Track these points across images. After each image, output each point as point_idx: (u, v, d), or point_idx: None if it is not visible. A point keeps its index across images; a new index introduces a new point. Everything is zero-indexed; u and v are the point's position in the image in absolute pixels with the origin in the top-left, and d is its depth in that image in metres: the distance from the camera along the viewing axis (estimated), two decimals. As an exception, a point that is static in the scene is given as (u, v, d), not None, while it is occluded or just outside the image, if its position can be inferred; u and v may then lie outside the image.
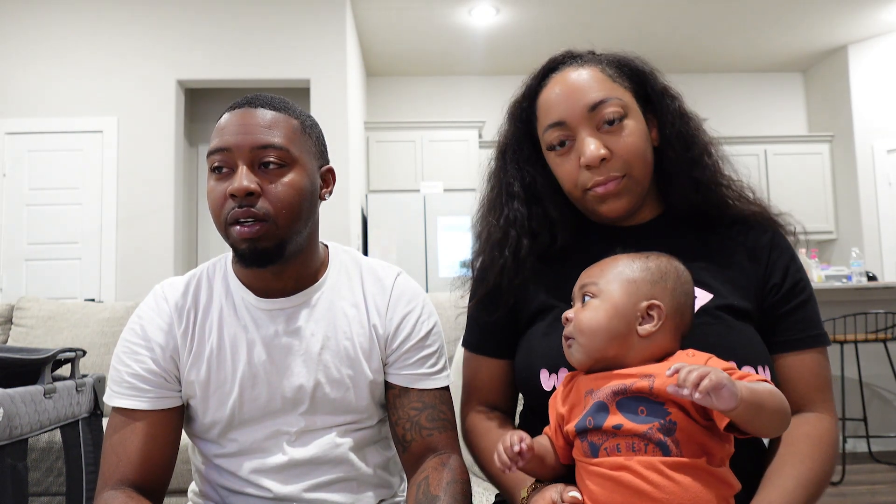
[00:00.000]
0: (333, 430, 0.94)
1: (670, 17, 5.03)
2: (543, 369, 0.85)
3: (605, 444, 0.70)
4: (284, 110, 0.91)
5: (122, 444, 0.88)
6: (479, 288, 0.97)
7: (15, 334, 2.38)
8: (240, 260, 0.89)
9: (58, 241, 4.17)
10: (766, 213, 0.93)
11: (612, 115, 0.85)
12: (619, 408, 0.70)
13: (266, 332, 0.93)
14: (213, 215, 0.89)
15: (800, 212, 4.84)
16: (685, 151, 0.90)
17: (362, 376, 0.95)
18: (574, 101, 0.86)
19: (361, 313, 0.97)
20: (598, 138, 0.86)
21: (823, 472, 0.78)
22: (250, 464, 0.92)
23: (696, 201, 0.91)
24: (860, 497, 2.77)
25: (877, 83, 5.44)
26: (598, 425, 0.70)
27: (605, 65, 0.90)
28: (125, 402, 0.90)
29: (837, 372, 3.44)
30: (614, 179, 0.86)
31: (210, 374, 0.92)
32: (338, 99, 4.31)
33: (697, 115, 0.94)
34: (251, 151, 0.86)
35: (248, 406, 0.92)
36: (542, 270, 0.93)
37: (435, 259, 4.72)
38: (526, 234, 0.93)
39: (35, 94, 4.22)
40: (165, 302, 0.95)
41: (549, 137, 0.89)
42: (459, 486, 0.86)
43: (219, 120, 0.91)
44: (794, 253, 0.91)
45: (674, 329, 0.75)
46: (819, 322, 0.87)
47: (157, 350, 0.91)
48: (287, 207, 0.87)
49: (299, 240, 0.91)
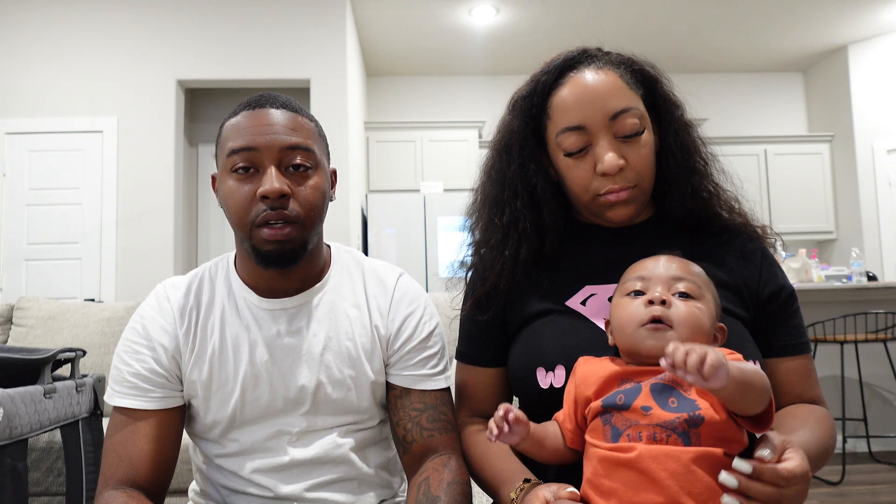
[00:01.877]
0: (335, 431, 0.94)
1: (670, 17, 5.03)
2: (540, 367, 0.85)
3: (627, 431, 0.69)
4: (300, 112, 0.92)
5: (123, 444, 0.88)
6: (475, 287, 0.97)
7: (15, 334, 2.38)
8: (261, 261, 0.88)
9: (58, 241, 4.17)
10: (750, 224, 0.95)
11: (633, 126, 0.86)
12: (652, 392, 0.70)
13: (268, 332, 0.93)
14: (237, 217, 0.87)
15: (800, 212, 4.83)
16: (685, 160, 0.91)
17: (364, 377, 0.95)
18: (596, 107, 0.86)
19: (363, 314, 0.97)
20: (616, 147, 0.86)
21: (829, 441, 0.81)
22: (252, 464, 0.92)
23: (691, 208, 0.92)
24: (860, 497, 2.77)
25: (877, 83, 5.44)
26: (628, 404, 0.70)
27: (622, 69, 0.89)
28: (127, 401, 0.90)
29: (837, 372, 3.44)
30: (627, 189, 0.87)
31: (212, 374, 0.92)
32: (338, 99, 4.32)
33: (694, 120, 0.95)
34: (280, 152, 0.86)
35: (249, 406, 0.92)
36: (534, 274, 0.92)
37: (435, 259, 4.72)
38: (526, 237, 0.93)
39: (35, 94, 4.22)
40: (168, 301, 0.95)
41: (565, 141, 0.88)
42: (460, 486, 0.87)
43: (230, 119, 0.90)
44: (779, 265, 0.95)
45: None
46: (806, 331, 0.92)
47: (160, 350, 0.91)
48: (314, 209, 0.89)
49: (315, 240, 0.93)
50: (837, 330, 3.33)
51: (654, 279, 0.77)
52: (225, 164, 0.88)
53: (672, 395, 0.69)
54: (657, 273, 0.78)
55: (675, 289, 0.76)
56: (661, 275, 0.77)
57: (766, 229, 0.96)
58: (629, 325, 0.75)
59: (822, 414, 0.85)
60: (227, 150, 0.88)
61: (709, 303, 0.77)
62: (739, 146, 5.63)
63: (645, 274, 0.78)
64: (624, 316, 0.76)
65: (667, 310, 0.73)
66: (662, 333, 0.72)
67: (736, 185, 0.96)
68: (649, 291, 0.76)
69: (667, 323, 0.73)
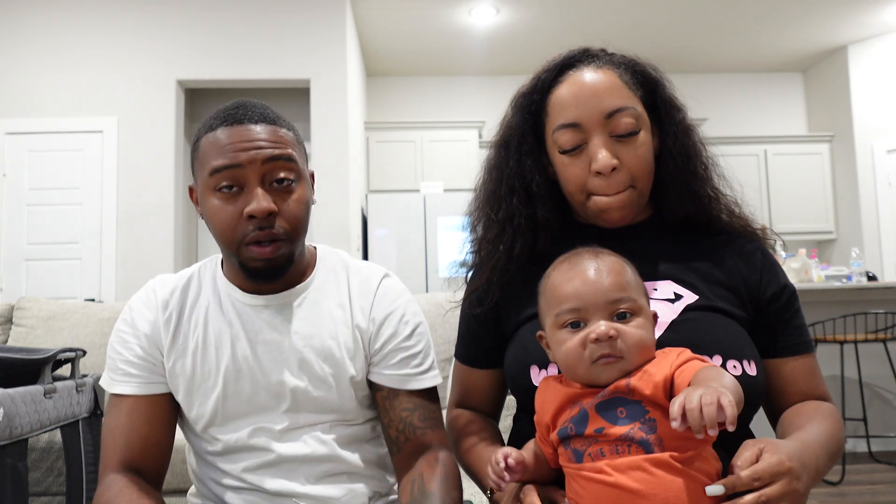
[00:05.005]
0: (319, 427, 0.95)
1: (670, 17, 5.03)
2: (534, 365, 0.86)
3: (588, 450, 0.70)
4: (278, 122, 0.91)
5: (118, 427, 0.92)
6: (473, 281, 0.99)
7: (15, 334, 2.38)
8: (249, 276, 0.90)
9: (58, 241, 4.17)
10: (750, 227, 0.95)
11: (628, 126, 0.86)
12: (598, 412, 0.70)
13: (251, 327, 0.95)
14: (224, 236, 0.88)
15: (800, 212, 4.84)
16: (685, 164, 0.91)
17: (345, 375, 0.95)
18: (592, 104, 0.86)
19: (346, 313, 0.98)
20: (610, 146, 0.86)
21: (840, 434, 0.81)
22: (241, 462, 0.94)
23: (690, 211, 0.92)
24: (860, 497, 2.77)
25: (877, 83, 5.44)
26: (581, 432, 0.70)
27: (622, 69, 0.89)
28: (119, 387, 0.93)
29: (837, 372, 3.44)
30: (621, 193, 0.86)
31: (195, 369, 0.94)
32: (338, 99, 4.31)
33: (695, 123, 0.95)
34: (263, 164, 0.86)
35: (231, 400, 0.93)
36: (530, 272, 0.92)
37: (435, 259, 4.72)
38: (520, 233, 0.93)
39: (35, 94, 4.22)
40: (154, 295, 0.98)
41: (560, 138, 0.88)
42: (452, 480, 0.90)
43: (208, 134, 0.89)
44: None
45: None
46: (808, 330, 0.92)
47: (143, 338, 0.94)
48: (300, 223, 0.91)
49: (300, 248, 0.95)
50: (837, 330, 3.33)
51: (589, 308, 0.72)
52: (207, 183, 0.88)
53: (619, 405, 0.69)
54: (591, 299, 0.72)
55: (614, 312, 0.72)
56: (597, 300, 0.72)
57: (767, 230, 0.96)
58: (579, 364, 0.72)
59: (829, 409, 0.85)
60: (208, 169, 0.87)
61: (645, 308, 0.75)
62: (739, 146, 5.63)
63: (578, 304, 0.73)
64: (570, 356, 0.73)
65: (614, 343, 0.70)
66: (615, 364, 0.71)
67: (735, 190, 0.96)
68: (589, 324, 0.72)
69: (617, 356, 0.70)
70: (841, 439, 0.81)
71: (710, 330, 0.82)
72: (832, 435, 0.79)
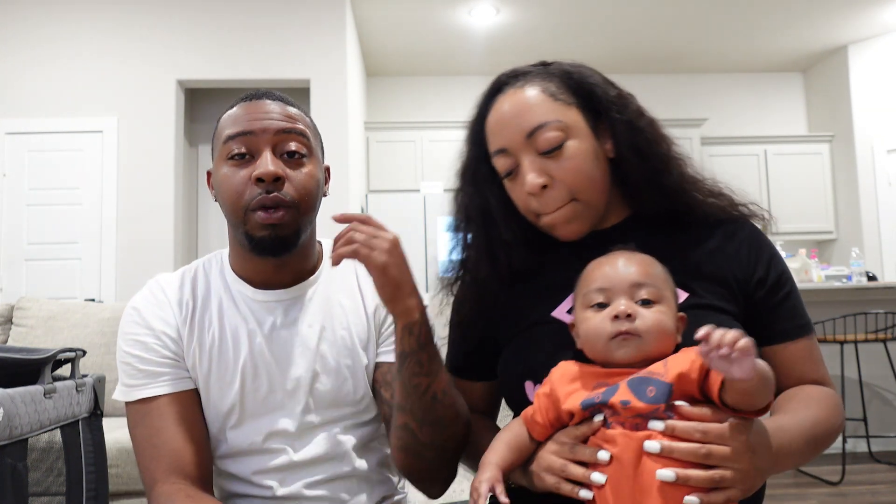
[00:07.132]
0: (334, 427, 0.94)
1: (670, 17, 5.03)
2: (528, 381, 0.85)
3: (609, 420, 0.71)
4: (296, 106, 0.95)
5: (156, 434, 0.87)
6: (457, 309, 0.99)
7: (15, 334, 2.38)
8: (254, 248, 0.89)
9: (58, 241, 4.17)
10: (735, 205, 0.91)
11: (550, 140, 0.84)
12: (629, 386, 0.71)
13: (264, 323, 0.94)
14: (230, 202, 0.88)
15: (800, 212, 4.84)
16: (643, 162, 0.87)
17: (360, 365, 0.95)
18: (513, 127, 0.86)
19: (357, 302, 0.98)
20: (538, 165, 0.85)
21: (830, 419, 0.80)
22: (252, 464, 0.93)
23: (666, 205, 0.89)
24: (860, 497, 2.77)
25: (877, 83, 5.44)
26: (605, 400, 0.71)
27: (549, 81, 0.88)
28: (144, 391, 0.89)
29: (837, 372, 3.44)
30: (561, 207, 0.85)
31: (212, 365, 0.92)
32: (338, 99, 4.32)
33: (654, 120, 0.91)
34: (275, 135, 0.88)
35: (249, 398, 0.92)
36: (518, 288, 0.92)
37: (435, 259, 4.73)
38: (483, 258, 0.93)
39: (35, 94, 4.22)
40: (163, 293, 0.95)
41: (497, 164, 0.89)
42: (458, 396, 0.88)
43: (227, 112, 0.92)
44: (773, 245, 0.91)
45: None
46: (805, 311, 0.88)
47: (163, 337, 0.92)
48: (308, 195, 0.90)
49: (309, 231, 0.94)
50: (837, 330, 3.33)
51: (614, 289, 0.77)
52: (221, 152, 0.90)
53: (650, 384, 0.70)
54: (617, 282, 0.77)
55: (637, 296, 0.76)
56: (622, 283, 0.77)
57: (753, 206, 0.92)
58: (598, 340, 0.76)
59: (824, 393, 0.83)
60: (223, 138, 0.89)
61: (670, 301, 0.77)
62: (739, 146, 5.63)
63: (605, 285, 0.78)
64: (591, 331, 0.77)
65: (633, 322, 0.74)
66: (632, 342, 0.74)
67: (707, 171, 0.93)
68: (612, 304, 0.76)
69: (634, 334, 0.74)
70: (832, 425, 0.80)
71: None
72: (819, 420, 0.78)
